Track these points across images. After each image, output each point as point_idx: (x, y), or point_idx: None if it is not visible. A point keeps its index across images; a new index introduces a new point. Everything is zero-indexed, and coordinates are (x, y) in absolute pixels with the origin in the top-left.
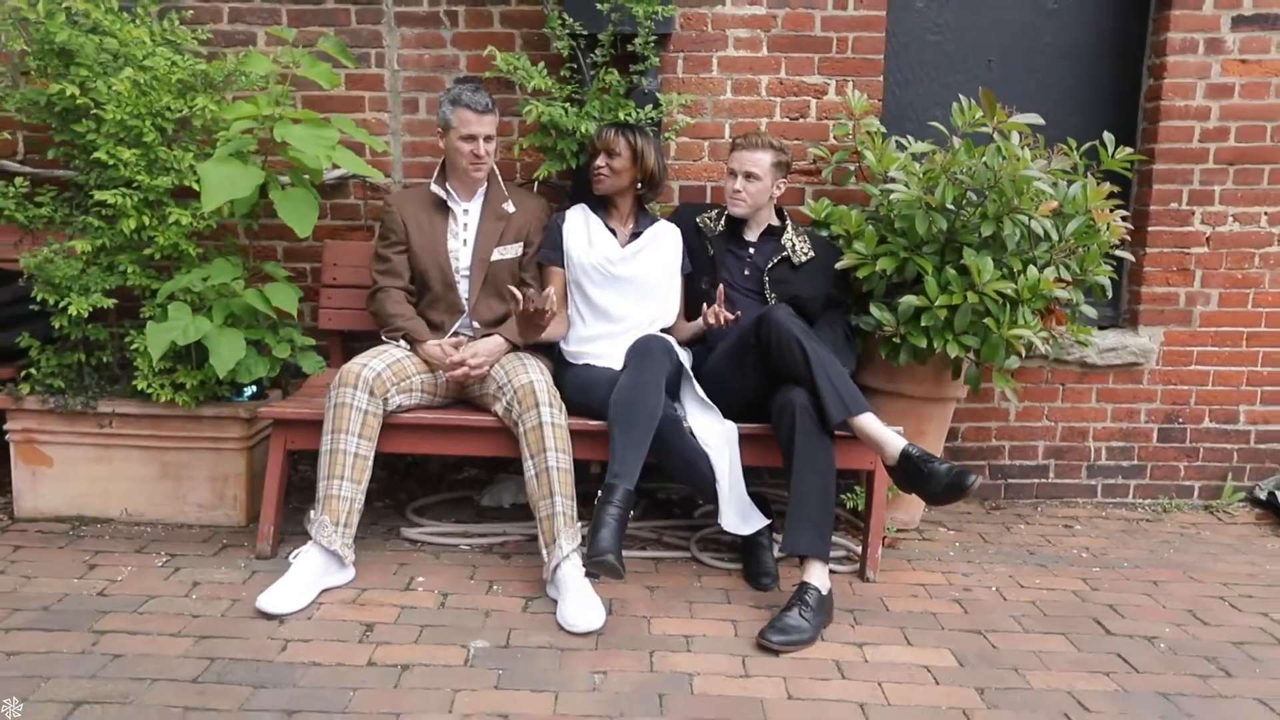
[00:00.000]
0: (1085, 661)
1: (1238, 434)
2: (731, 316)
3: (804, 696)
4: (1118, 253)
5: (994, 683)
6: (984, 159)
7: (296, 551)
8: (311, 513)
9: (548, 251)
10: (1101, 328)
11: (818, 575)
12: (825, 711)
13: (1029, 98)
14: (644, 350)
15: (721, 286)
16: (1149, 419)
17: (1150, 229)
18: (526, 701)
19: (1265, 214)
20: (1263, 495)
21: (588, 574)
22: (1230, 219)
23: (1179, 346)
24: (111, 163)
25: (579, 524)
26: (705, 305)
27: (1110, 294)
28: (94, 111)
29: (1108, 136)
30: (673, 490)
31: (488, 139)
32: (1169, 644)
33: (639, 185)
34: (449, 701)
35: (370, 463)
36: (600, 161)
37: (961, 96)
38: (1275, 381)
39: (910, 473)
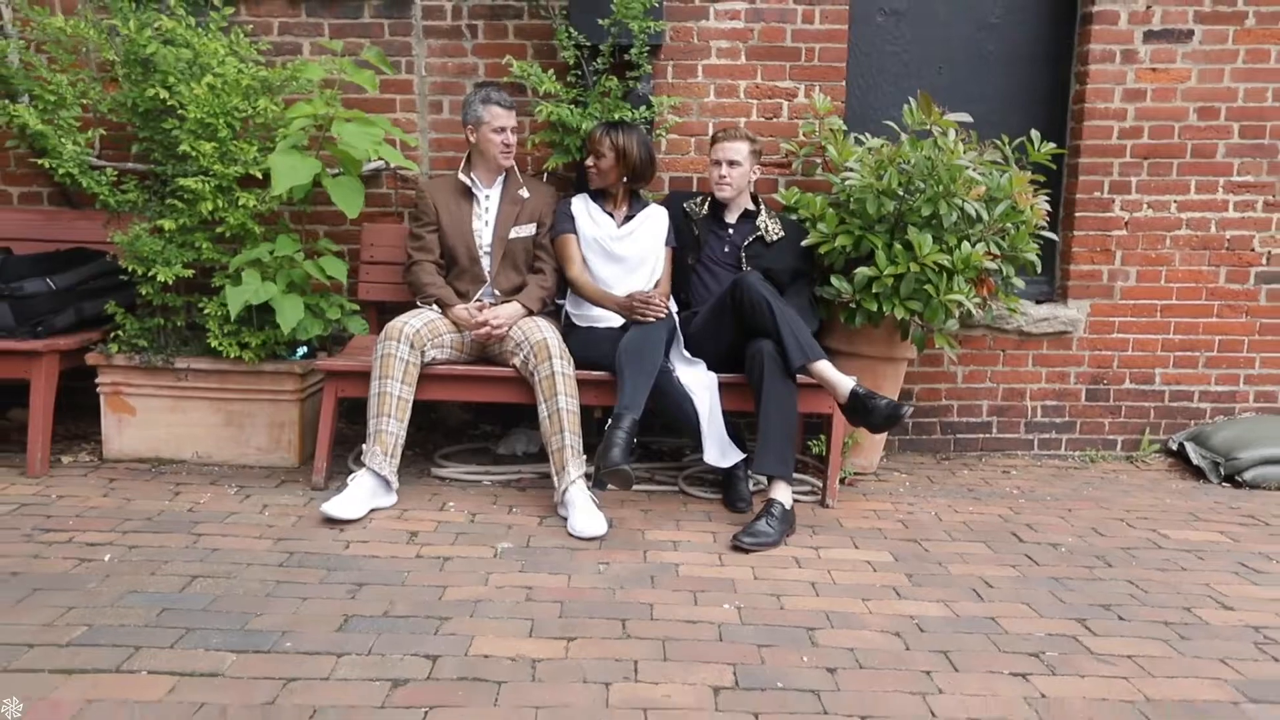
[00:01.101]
0: (997, 559)
1: (1154, 394)
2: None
3: (767, 578)
4: (1045, 234)
5: (921, 571)
6: (924, 152)
7: (352, 474)
8: (363, 445)
9: (563, 223)
10: (1038, 302)
11: (782, 493)
12: (783, 587)
13: (974, 100)
14: None
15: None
16: (1078, 381)
17: (1077, 214)
18: (545, 580)
19: (1174, 202)
20: (1174, 446)
21: (597, 484)
22: (1145, 206)
23: (1103, 317)
24: (193, 154)
25: (584, 456)
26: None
27: (1039, 269)
28: (178, 111)
29: (1034, 133)
30: (664, 443)
31: (513, 130)
32: (1069, 548)
33: (625, 178)
34: (484, 579)
35: (410, 405)
36: (589, 163)
37: (912, 99)
38: (1185, 348)
39: (857, 408)
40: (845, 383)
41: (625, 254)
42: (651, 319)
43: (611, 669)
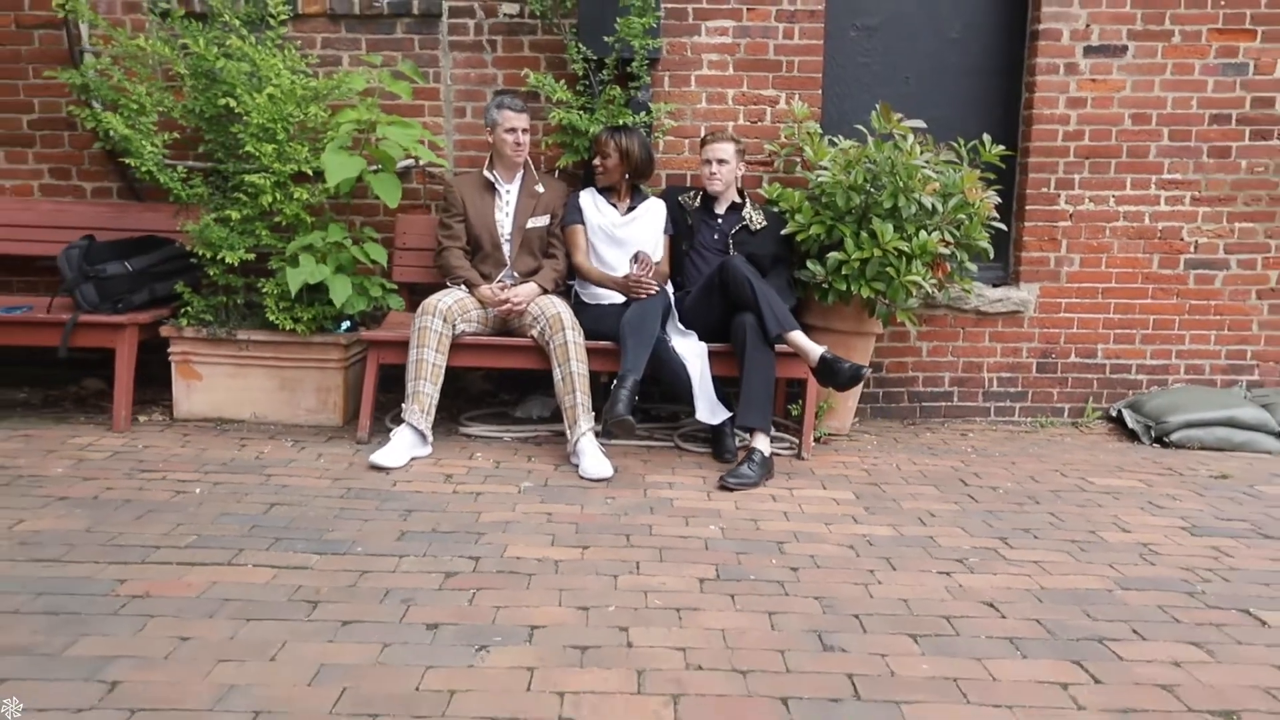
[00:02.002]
0: (943, 497)
1: (1096, 366)
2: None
3: (747, 509)
4: (995, 224)
5: (877, 505)
6: (885, 153)
7: (394, 430)
8: (402, 405)
9: (572, 215)
10: (994, 285)
11: (762, 443)
12: (760, 515)
13: (938, 106)
14: None
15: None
16: (1029, 355)
17: (1028, 208)
18: (562, 508)
19: (1113, 196)
20: (1114, 413)
21: (605, 433)
22: (1087, 200)
23: (1051, 299)
24: (256, 155)
25: (592, 413)
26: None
27: (992, 256)
28: (243, 117)
29: (986, 137)
30: (662, 409)
31: (524, 131)
32: (1005, 490)
33: (627, 176)
34: (511, 507)
35: (443, 371)
36: (596, 163)
37: (878, 106)
38: (1124, 326)
39: (825, 371)
40: (815, 350)
41: (627, 239)
42: (644, 295)
43: (619, 566)
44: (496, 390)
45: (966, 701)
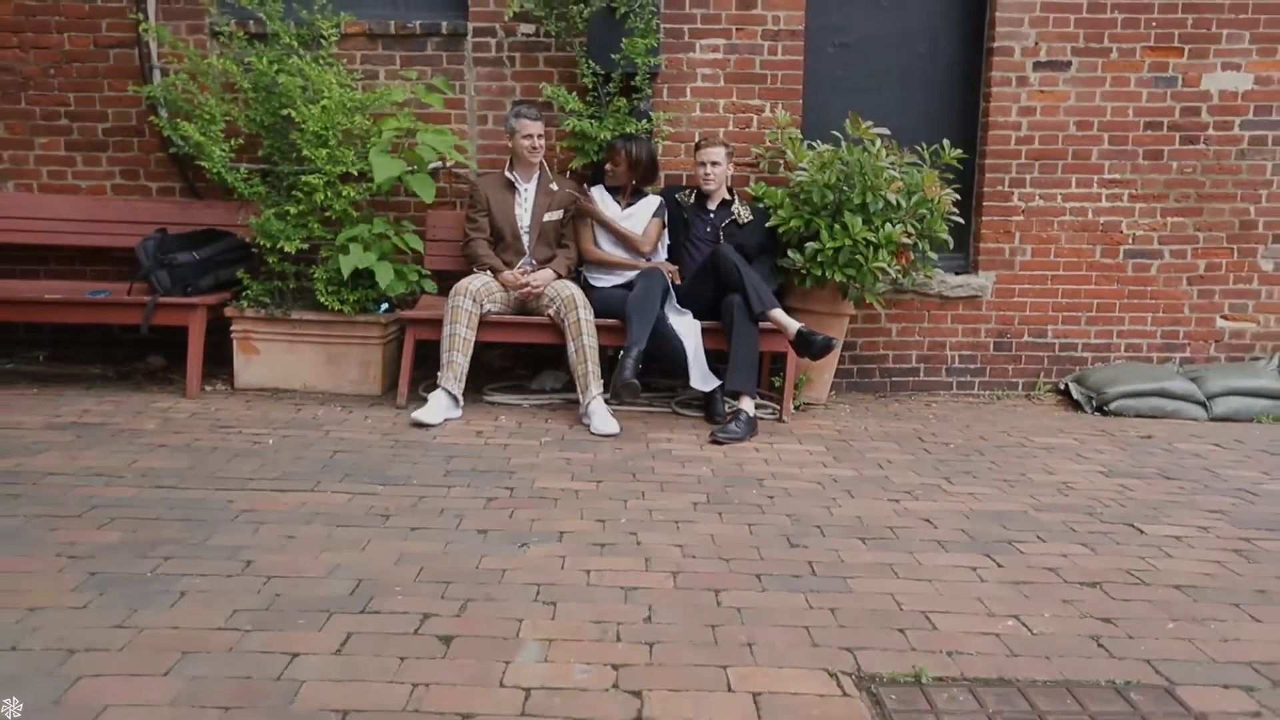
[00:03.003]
0: (902, 450)
1: (1047, 345)
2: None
3: (733, 457)
4: (954, 218)
5: (844, 455)
6: (855, 156)
7: (429, 395)
8: (438, 374)
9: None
10: (955, 273)
11: (747, 404)
12: (745, 460)
13: (907, 113)
14: (649, 274)
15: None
16: (987, 335)
17: (985, 204)
18: (578, 455)
19: (1060, 194)
20: (1062, 386)
21: (613, 395)
22: (1037, 197)
23: (1006, 285)
24: (312, 158)
25: (601, 380)
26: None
27: (953, 246)
28: (300, 125)
29: (946, 141)
30: (661, 383)
31: (539, 136)
32: (956, 446)
33: (635, 181)
34: (536, 454)
35: (472, 344)
36: (608, 168)
37: (849, 114)
38: (1071, 309)
39: (802, 342)
40: (793, 324)
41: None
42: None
43: (627, 494)
44: (513, 366)
45: (897, 577)
